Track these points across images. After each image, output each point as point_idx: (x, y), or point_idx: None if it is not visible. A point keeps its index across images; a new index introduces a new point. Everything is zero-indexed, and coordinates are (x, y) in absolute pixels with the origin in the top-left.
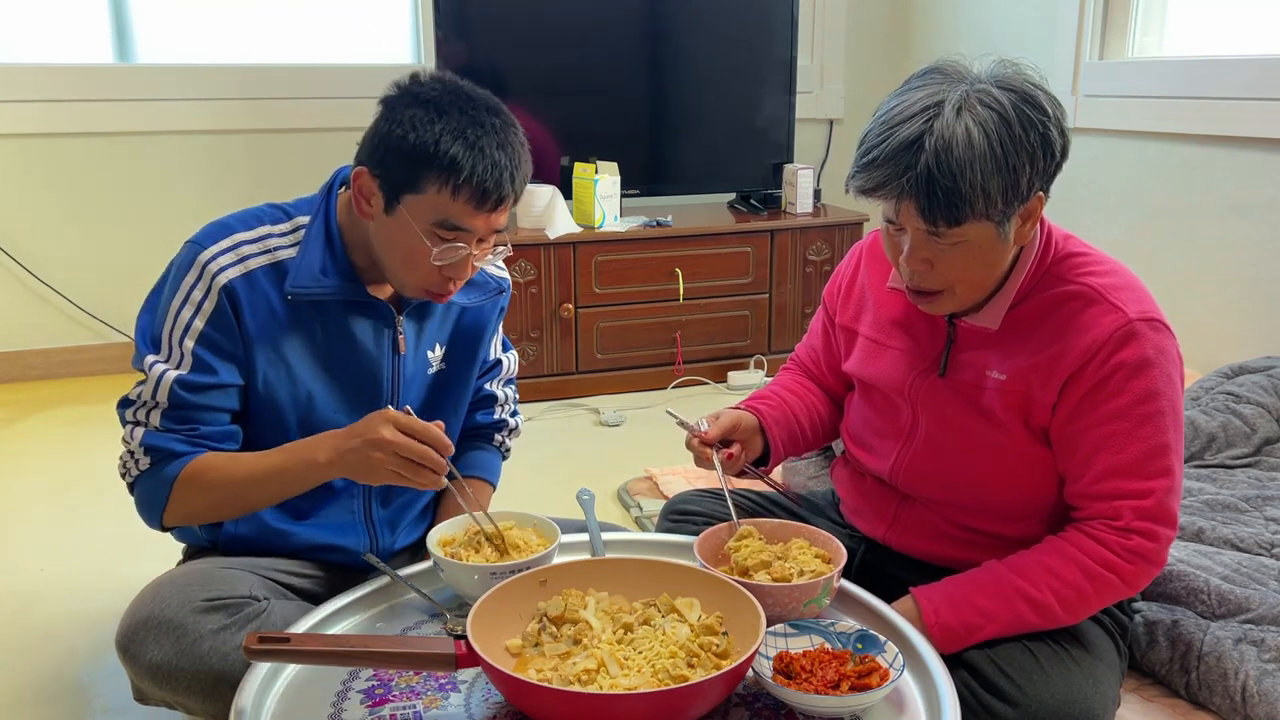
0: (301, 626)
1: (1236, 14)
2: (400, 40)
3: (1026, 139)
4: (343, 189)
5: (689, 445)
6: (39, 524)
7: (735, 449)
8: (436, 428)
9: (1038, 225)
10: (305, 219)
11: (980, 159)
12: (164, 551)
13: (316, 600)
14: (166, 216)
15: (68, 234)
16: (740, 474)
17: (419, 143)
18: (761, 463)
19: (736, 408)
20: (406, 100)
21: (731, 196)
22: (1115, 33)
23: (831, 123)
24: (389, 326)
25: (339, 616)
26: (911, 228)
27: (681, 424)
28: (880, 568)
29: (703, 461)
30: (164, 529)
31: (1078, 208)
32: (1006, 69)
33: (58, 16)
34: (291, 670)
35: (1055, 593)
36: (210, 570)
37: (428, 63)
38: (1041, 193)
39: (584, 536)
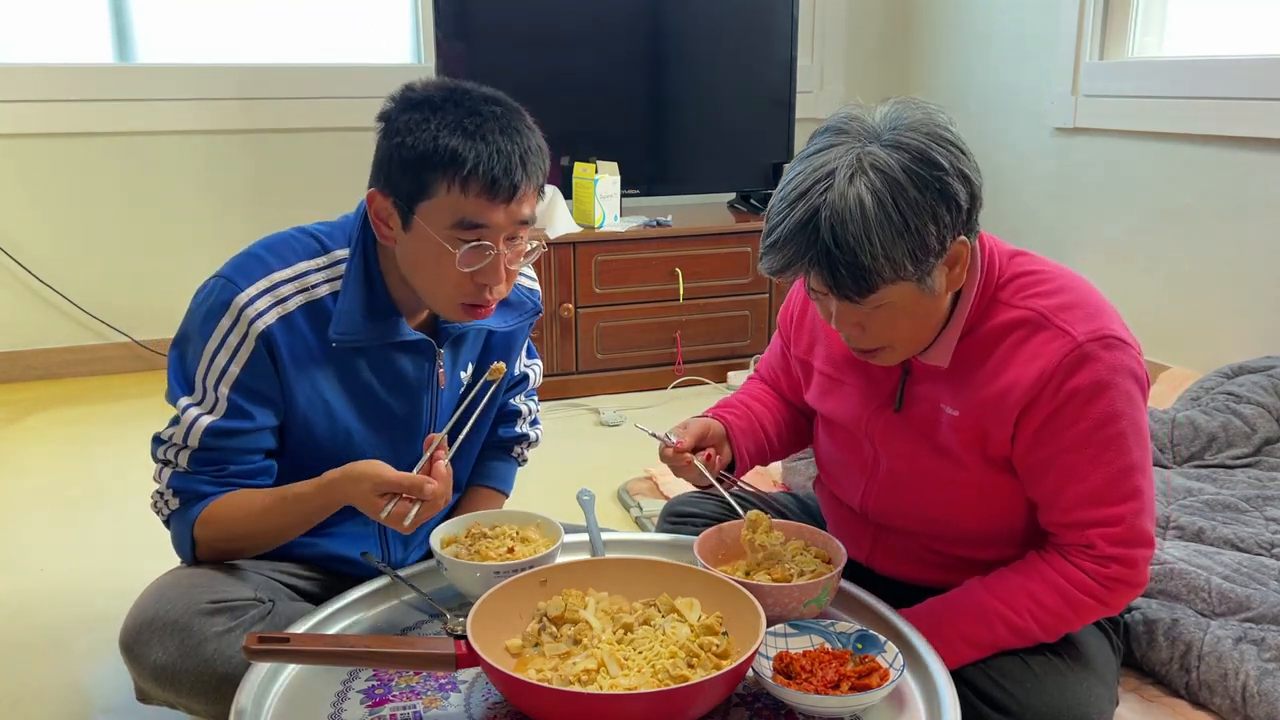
0: (301, 626)
1: (1236, 14)
2: (400, 40)
3: (923, 198)
4: None
5: (663, 456)
6: (39, 524)
7: (710, 453)
8: (423, 479)
9: (971, 264)
10: (343, 253)
11: (877, 228)
12: (165, 552)
13: (320, 603)
14: (166, 216)
15: (68, 234)
16: (717, 481)
17: (417, 144)
18: (729, 471)
19: (703, 416)
20: (401, 107)
21: (731, 196)
22: (1115, 33)
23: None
24: (429, 361)
25: (339, 616)
26: (832, 297)
27: (653, 436)
28: (865, 588)
29: (682, 471)
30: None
31: (1078, 208)
32: (909, 112)
33: (58, 16)
34: (291, 670)
35: (1036, 619)
36: (214, 572)
37: (428, 63)
38: (964, 238)
39: (584, 537)
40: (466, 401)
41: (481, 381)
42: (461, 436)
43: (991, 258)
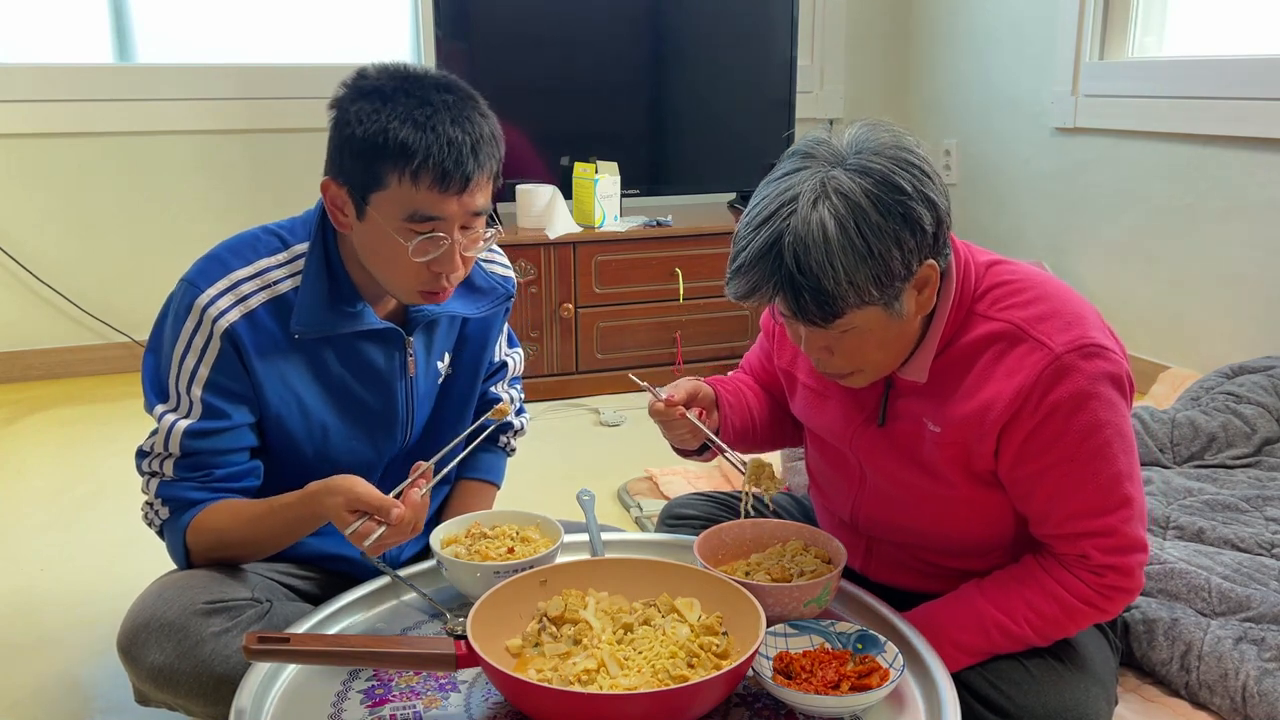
0: (301, 626)
1: (1236, 14)
2: (400, 40)
3: (886, 223)
4: None
5: (652, 411)
6: (39, 524)
7: (701, 412)
8: (391, 503)
9: (945, 279)
10: (303, 246)
11: (840, 253)
12: (164, 553)
13: (319, 603)
14: (166, 216)
15: (68, 234)
16: (701, 449)
17: (367, 135)
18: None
19: (696, 379)
20: (352, 96)
21: (731, 196)
22: (1115, 33)
23: (831, 122)
24: (399, 350)
25: (339, 616)
26: (799, 321)
27: (645, 388)
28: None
29: (672, 427)
30: None
31: (1078, 208)
32: (877, 135)
33: (58, 16)
34: (291, 670)
35: (1033, 626)
36: (212, 573)
37: (428, 63)
38: (932, 260)
39: (584, 536)
40: (460, 437)
41: (482, 420)
42: (448, 468)
43: (967, 268)
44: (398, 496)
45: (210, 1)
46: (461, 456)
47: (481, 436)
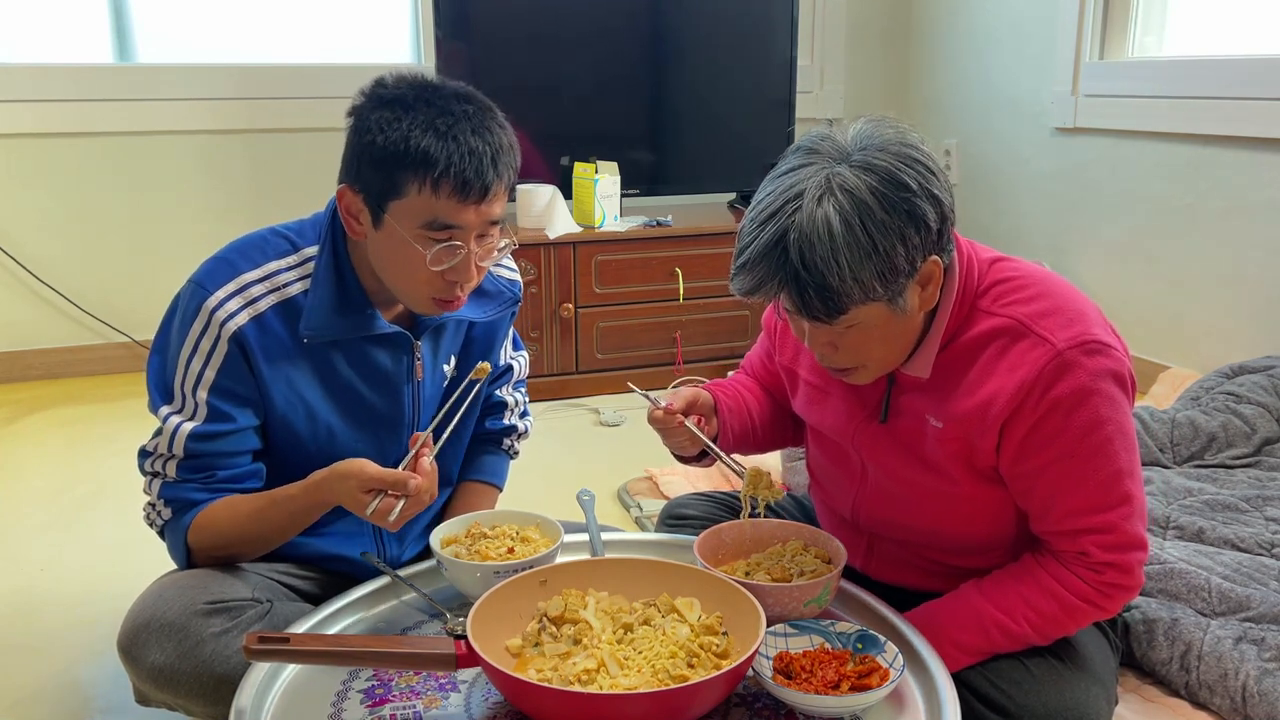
0: (301, 626)
1: (1236, 14)
2: (400, 40)
3: (891, 220)
4: None
5: (651, 418)
6: (39, 524)
7: (700, 419)
8: (406, 475)
9: (948, 275)
10: (313, 250)
11: (845, 250)
12: (164, 552)
13: (319, 603)
14: (166, 216)
15: (68, 234)
16: (700, 455)
17: (388, 144)
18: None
19: (695, 386)
20: (372, 104)
21: (731, 196)
22: (1115, 33)
23: (831, 122)
24: (407, 354)
25: (339, 616)
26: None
27: (644, 396)
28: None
29: (671, 434)
30: None
31: (1078, 208)
32: (881, 131)
33: (57, 16)
34: (291, 670)
35: (1032, 625)
36: (212, 572)
37: (428, 63)
38: (936, 257)
39: (584, 536)
40: (452, 400)
41: (466, 381)
42: (446, 434)
43: (970, 265)
44: (405, 470)
45: (210, 1)
46: (456, 420)
47: (471, 396)
